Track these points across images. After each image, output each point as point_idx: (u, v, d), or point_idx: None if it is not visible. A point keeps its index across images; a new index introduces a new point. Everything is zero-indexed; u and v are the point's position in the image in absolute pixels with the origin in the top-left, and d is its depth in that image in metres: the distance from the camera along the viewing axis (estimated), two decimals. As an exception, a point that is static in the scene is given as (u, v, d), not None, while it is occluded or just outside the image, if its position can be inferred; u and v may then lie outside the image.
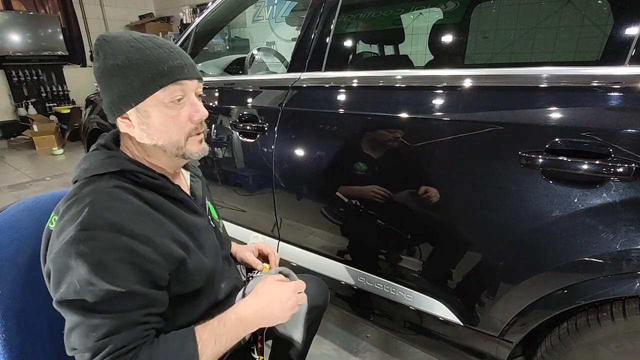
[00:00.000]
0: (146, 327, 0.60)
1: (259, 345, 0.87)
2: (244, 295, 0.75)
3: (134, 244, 0.58)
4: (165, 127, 0.65)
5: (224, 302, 0.79)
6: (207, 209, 0.83)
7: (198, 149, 0.70)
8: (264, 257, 0.95)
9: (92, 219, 0.56)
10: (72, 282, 0.55)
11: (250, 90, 1.47)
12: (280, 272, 0.81)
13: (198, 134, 0.69)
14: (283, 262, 1.44)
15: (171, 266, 0.63)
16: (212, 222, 0.81)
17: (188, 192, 0.78)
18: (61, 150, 4.74)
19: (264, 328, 0.89)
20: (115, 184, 0.62)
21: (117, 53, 0.62)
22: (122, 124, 0.66)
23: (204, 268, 0.71)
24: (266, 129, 1.31)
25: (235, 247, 0.96)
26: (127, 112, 0.64)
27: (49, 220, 0.64)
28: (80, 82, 5.80)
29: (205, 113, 0.67)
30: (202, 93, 0.71)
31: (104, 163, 0.64)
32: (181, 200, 0.71)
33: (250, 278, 0.93)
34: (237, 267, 0.92)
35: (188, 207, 0.73)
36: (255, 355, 0.86)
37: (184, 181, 0.80)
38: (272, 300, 0.69)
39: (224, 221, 0.95)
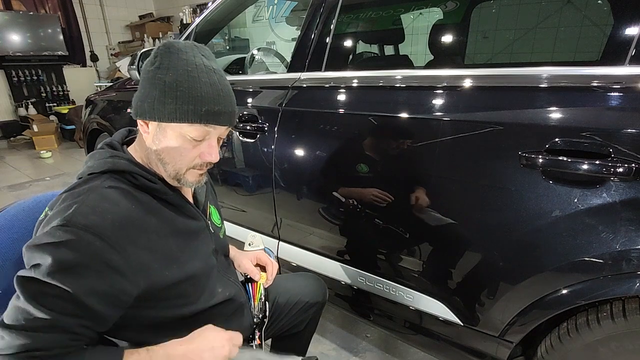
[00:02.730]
0: (73, 338, 0.57)
1: (258, 341, 0.87)
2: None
3: (107, 252, 0.57)
4: (175, 152, 0.66)
5: (220, 307, 0.78)
6: (209, 214, 0.83)
7: (195, 180, 0.70)
8: (262, 267, 0.95)
9: (75, 217, 0.56)
10: (32, 267, 0.55)
11: (250, 90, 1.47)
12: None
13: (201, 168, 0.69)
14: (283, 262, 1.44)
15: (143, 279, 0.62)
16: (211, 227, 0.80)
17: (190, 197, 0.77)
18: (49, 154, 4.58)
19: (262, 325, 0.90)
20: (111, 184, 0.62)
21: (170, 69, 0.62)
22: (140, 126, 0.67)
23: (193, 273, 0.70)
24: (266, 129, 1.31)
25: (233, 252, 0.95)
26: (149, 121, 0.65)
27: (43, 213, 0.64)
28: (80, 82, 5.80)
29: (216, 159, 0.68)
30: (224, 137, 0.72)
31: (106, 162, 0.65)
32: (178, 206, 0.71)
33: (248, 276, 0.93)
34: (236, 272, 0.92)
35: (184, 212, 0.72)
36: None
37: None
38: (204, 345, 0.65)
39: (225, 222, 0.95)
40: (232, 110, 0.67)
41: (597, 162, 0.73)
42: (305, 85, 1.27)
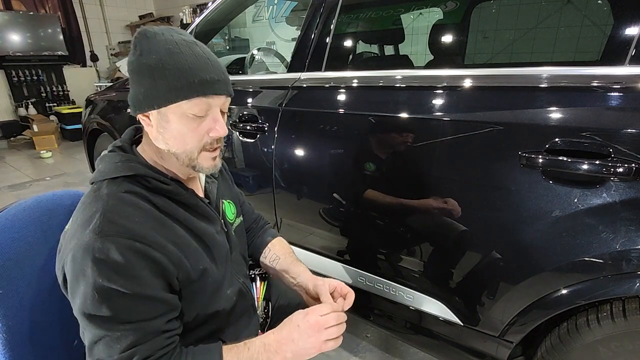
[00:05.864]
0: (169, 335, 0.61)
1: None
2: None
3: (147, 250, 0.58)
4: (181, 135, 0.64)
5: (228, 309, 0.76)
6: (222, 211, 0.82)
7: (210, 164, 0.68)
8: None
9: (105, 226, 0.56)
10: (88, 292, 0.55)
11: (250, 90, 1.47)
12: None
13: (214, 149, 0.68)
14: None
15: (180, 273, 0.63)
16: (224, 227, 0.79)
17: (202, 194, 0.77)
18: (50, 154, 4.56)
19: (265, 325, 0.89)
20: (127, 189, 0.62)
21: (152, 52, 0.61)
22: (142, 121, 0.66)
23: (212, 276, 0.70)
24: (266, 129, 1.31)
25: (303, 273, 0.86)
26: (149, 112, 0.64)
27: (68, 224, 0.64)
28: (80, 82, 5.79)
29: (224, 132, 0.66)
30: (226, 110, 0.69)
31: (117, 167, 0.64)
32: (192, 206, 0.70)
33: (253, 275, 0.92)
34: (245, 267, 0.88)
35: (199, 213, 0.72)
36: None
37: (199, 184, 0.79)
38: (294, 330, 0.65)
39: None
40: (225, 78, 0.65)
41: (597, 162, 0.73)
42: (305, 85, 1.27)
